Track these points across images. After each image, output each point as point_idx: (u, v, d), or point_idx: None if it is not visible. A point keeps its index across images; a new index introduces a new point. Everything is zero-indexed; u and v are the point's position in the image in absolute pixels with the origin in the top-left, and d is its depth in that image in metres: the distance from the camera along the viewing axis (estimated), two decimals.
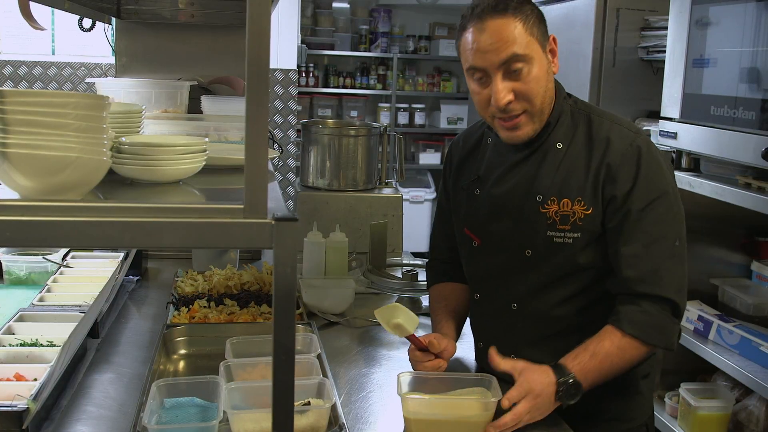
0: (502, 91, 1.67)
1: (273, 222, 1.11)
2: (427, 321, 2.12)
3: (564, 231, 1.72)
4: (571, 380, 1.60)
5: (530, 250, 1.76)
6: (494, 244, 1.83)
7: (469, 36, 1.69)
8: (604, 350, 1.63)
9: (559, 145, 1.76)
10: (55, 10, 3.16)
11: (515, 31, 1.65)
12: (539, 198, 1.74)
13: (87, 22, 2.84)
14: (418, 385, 1.68)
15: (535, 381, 1.59)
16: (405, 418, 1.59)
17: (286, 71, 5.01)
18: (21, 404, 1.45)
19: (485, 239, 1.85)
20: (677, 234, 1.71)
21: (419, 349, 1.80)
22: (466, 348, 2.04)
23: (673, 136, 2.94)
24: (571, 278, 1.75)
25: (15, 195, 1.17)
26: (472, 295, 1.94)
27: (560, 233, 1.73)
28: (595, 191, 1.71)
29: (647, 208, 1.68)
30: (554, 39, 1.75)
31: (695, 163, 2.96)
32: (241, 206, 1.12)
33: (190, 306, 2.17)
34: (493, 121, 1.76)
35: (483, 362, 1.87)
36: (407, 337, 1.80)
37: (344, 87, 6.94)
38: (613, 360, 1.64)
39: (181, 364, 1.93)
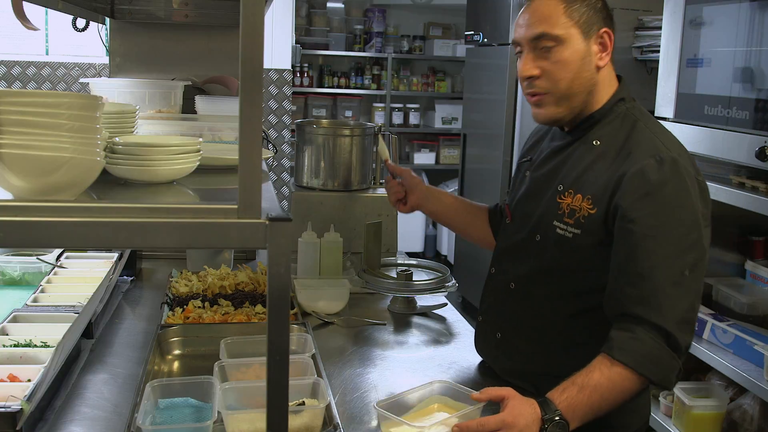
0: (528, 63, 1.72)
1: (267, 222, 1.11)
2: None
3: (568, 225, 1.71)
4: (557, 417, 1.50)
5: (539, 235, 1.78)
6: (518, 224, 1.88)
7: (520, 14, 1.76)
8: (593, 382, 1.54)
9: (595, 143, 1.75)
10: (49, 10, 3.15)
11: (553, 12, 1.68)
12: (560, 188, 1.76)
13: (81, 22, 2.83)
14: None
15: (521, 415, 1.51)
16: None
17: (280, 71, 5.01)
18: (15, 405, 1.45)
19: (514, 217, 1.91)
20: (689, 264, 1.59)
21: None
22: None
23: None
24: (569, 275, 1.73)
25: (8, 195, 1.17)
26: (489, 268, 1.97)
27: (564, 226, 1.72)
28: (605, 194, 1.66)
29: (659, 228, 1.59)
30: (608, 33, 1.72)
31: None
32: (235, 206, 1.12)
33: (185, 306, 2.17)
34: (527, 98, 1.79)
35: (478, 335, 1.98)
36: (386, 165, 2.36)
37: (339, 87, 6.94)
38: (603, 393, 1.54)
39: (176, 364, 1.93)
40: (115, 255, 2.43)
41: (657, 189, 1.60)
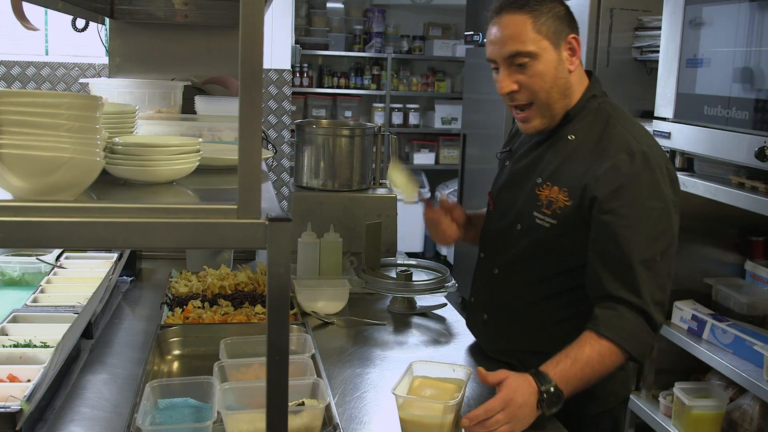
0: (504, 80, 1.82)
1: (267, 222, 1.11)
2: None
3: (546, 215, 1.83)
4: (552, 388, 1.60)
5: (520, 224, 1.90)
6: (500, 212, 2.00)
7: (489, 28, 1.83)
8: (585, 356, 1.64)
9: (570, 137, 1.85)
10: (48, 11, 3.15)
11: (523, 28, 1.76)
12: (538, 180, 1.87)
13: (80, 23, 2.83)
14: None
15: (518, 391, 1.58)
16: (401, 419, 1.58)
17: (280, 71, 5.01)
18: (14, 405, 1.45)
19: (497, 206, 2.03)
20: (660, 250, 1.72)
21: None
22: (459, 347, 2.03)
23: (667, 135, 2.95)
24: (546, 261, 1.85)
25: (8, 195, 1.17)
26: (479, 253, 2.09)
27: (542, 216, 1.83)
28: (579, 187, 1.77)
29: (632, 218, 1.71)
30: (575, 38, 1.81)
31: (689, 163, 2.97)
32: (235, 207, 1.12)
33: (184, 306, 2.17)
34: (511, 110, 1.89)
35: (468, 314, 2.13)
36: (422, 200, 2.20)
37: (338, 87, 6.94)
38: (594, 366, 1.64)
39: (175, 364, 1.93)
40: (115, 255, 2.43)
41: (630, 181, 1.72)
